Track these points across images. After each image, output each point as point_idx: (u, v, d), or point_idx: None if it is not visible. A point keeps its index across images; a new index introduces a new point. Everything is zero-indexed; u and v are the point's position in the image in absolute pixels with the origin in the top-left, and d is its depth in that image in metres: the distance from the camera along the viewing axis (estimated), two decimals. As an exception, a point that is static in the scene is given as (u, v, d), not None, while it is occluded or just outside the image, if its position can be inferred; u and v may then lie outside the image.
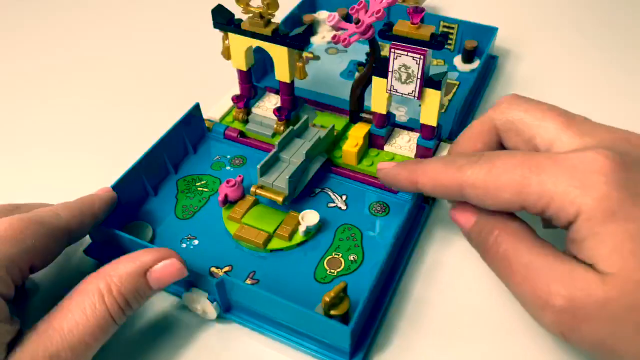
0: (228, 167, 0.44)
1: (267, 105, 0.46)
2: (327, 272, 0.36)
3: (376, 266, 0.33)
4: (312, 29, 0.40)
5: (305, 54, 0.55)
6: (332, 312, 0.31)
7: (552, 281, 0.26)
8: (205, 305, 0.33)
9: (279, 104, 0.45)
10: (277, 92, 0.46)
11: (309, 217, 0.38)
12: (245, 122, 0.46)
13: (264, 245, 0.37)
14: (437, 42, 0.35)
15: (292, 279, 0.36)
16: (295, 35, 0.39)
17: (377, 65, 0.39)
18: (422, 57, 0.36)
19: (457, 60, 0.53)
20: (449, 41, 0.54)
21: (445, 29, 0.54)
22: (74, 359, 0.27)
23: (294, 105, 0.45)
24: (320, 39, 0.56)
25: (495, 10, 0.61)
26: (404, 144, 0.43)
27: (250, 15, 0.40)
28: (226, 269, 0.37)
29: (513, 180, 0.27)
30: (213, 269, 0.37)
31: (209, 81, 0.51)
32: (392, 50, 0.37)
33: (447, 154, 0.38)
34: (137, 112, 0.50)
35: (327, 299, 0.31)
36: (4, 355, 0.25)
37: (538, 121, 0.30)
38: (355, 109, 0.44)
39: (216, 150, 0.45)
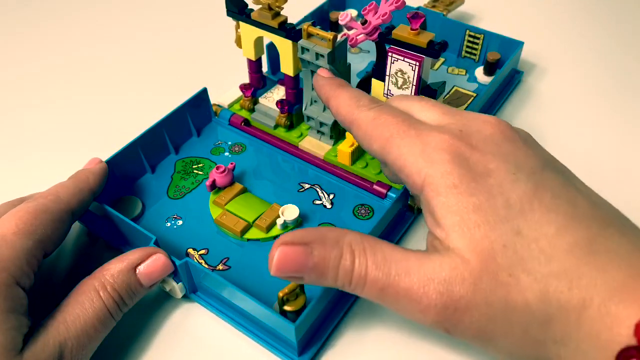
0: (227, 153, 0.44)
1: (275, 97, 0.47)
2: (298, 268, 0.36)
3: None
4: (315, 25, 0.40)
5: (327, 50, 0.55)
6: (287, 308, 0.31)
7: (424, 281, 0.25)
8: (172, 285, 0.34)
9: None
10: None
11: (289, 212, 0.38)
12: (252, 111, 0.47)
13: (241, 233, 0.37)
14: (435, 50, 0.35)
15: (263, 270, 0.36)
16: (300, 29, 0.39)
17: (376, 68, 0.38)
18: (417, 63, 0.35)
19: (479, 72, 0.51)
20: (474, 51, 0.53)
21: (471, 39, 0.52)
22: (79, 347, 0.29)
23: (299, 99, 0.45)
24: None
25: (525, 24, 0.59)
26: (403, 150, 0.42)
27: (260, 6, 0.40)
28: (202, 251, 0.37)
29: (383, 135, 0.30)
30: (190, 250, 0.38)
31: (225, 68, 0.52)
32: (390, 54, 0.36)
33: None
34: (152, 96, 0.52)
35: (281, 295, 0.31)
36: (22, 345, 0.27)
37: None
38: (359, 110, 0.44)
39: (219, 136, 0.46)
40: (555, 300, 0.23)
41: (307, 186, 0.42)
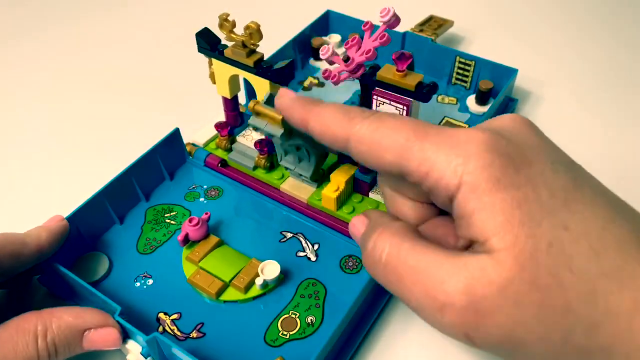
0: (202, 199, 0.41)
1: (253, 136, 0.43)
2: (280, 334, 0.33)
3: (334, 336, 0.30)
4: (294, 65, 0.37)
5: (309, 79, 0.52)
6: (267, 388, 0.28)
7: (445, 277, 0.23)
8: (139, 359, 0.31)
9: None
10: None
11: (268, 270, 0.35)
12: (229, 150, 0.43)
13: (216, 295, 0.34)
14: (423, 93, 0.32)
15: (241, 337, 0.33)
16: (278, 69, 0.36)
17: (361, 110, 0.35)
18: (405, 108, 0.32)
19: (471, 101, 0.48)
20: (465, 79, 0.50)
21: (462, 65, 0.49)
22: None
23: (279, 140, 0.42)
24: (328, 65, 0.52)
25: (517, 47, 0.56)
26: (392, 193, 0.39)
27: (233, 43, 0.37)
28: (174, 316, 0.34)
29: (397, 142, 0.25)
30: (161, 314, 0.34)
31: (200, 103, 0.49)
32: (375, 97, 0.33)
33: None
34: (120, 136, 0.48)
35: (260, 376, 0.28)
36: None
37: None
38: (344, 149, 0.41)
39: (194, 179, 0.43)
40: (604, 302, 0.21)
41: (289, 235, 0.38)
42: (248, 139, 0.43)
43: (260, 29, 0.36)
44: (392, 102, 0.33)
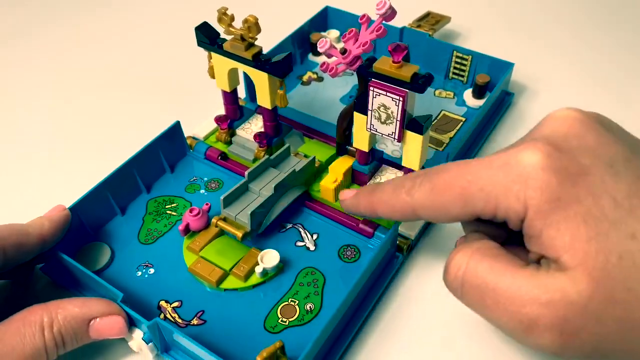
0: (202, 191, 0.42)
1: (253, 128, 0.44)
2: (279, 321, 0.34)
3: (332, 321, 0.31)
4: (291, 58, 0.37)
5: (308, 74, 0.53)
6: (266, 372, 0.29)
7: (527, 300, 0.24)
8: (141, 345, 0.31)
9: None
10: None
11: (268, 259, 0.35)
12: (229, 143, 0.44)
13: (217, 284, 0.35)
14: (419, 84, 0.32)
15: (241, 324, 0.33)
16: (276, 62, 0.37)
17: (357, 101, 0.36)
18: (401, 98, 0.33)
19: (468, 95, 0.49)
20: (462, 73, 0.50)
21: (459, 60, 0.50)
22: None
23: (278, 132, 0.42)
24: (327, 59, 0.53)
25: (514, 42, 0.57)
26: (389, 184, 0.40)
27: (232, 36, 0.38)
28: (175, 304, 0.35)
29: (455, 193, 0.27)
30: (162, 302, 0.35)
31: (201, 97, 0.49)
32: (371, 88, 0.34)
33: None
34: (122, 130, 0.49)
35: (259, 359, 0.28)
36: None
37: None
38: (342, 142, 0.41)
39: (195, 171, 0.43)
40: None
41: (288, 226, 0.39)
42: (248, 131, 0.44)
43: (259, 23, 0.36)
44: (388, 93, 0.33)
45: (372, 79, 0.34)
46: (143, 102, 0.52)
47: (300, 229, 0.39)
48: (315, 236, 0.38)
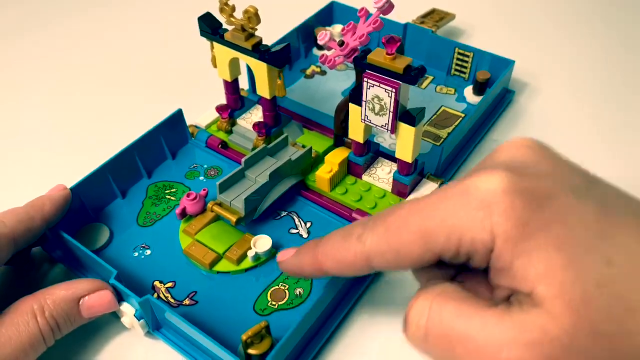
0: (202, 178, 0.43)
1: (253, 118, 0.45)
2: (268, 304, 0.34)
3: (319, 304, 0.31)
4: (290, 48, 0.38)
5: (312, 67, 0.53)
6: (251, 352, 0.30)
7: (504, 343, 0.21)
8: (133, 321, 0.32)
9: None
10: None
11: (261, 244, 0.36)
12: (230, 132, 0.45)
13: (210, 266, 0.36)
14: (411, 76, 0.33)
15: (231, 305, 0.34)
16: (275, 52, 0.38)
17: (353, 92, 0.36)
18: (394, 90, 0.33)
19: (468, 91, 0.49)
20: (464, 70, 0.51)
21: (460, 56, 0.50)
22: None
23: (277, 122, 0.43)
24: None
25: (517, 41, 0.57)
26: (384, 175, 0.41)
27: (233, 27, 0.39)
28: (169, 284, 0.36)
29: (412, 230, 0.23)
30: (156, 282, 0.36)
31: (205, 87, 0.50)
32: (365, 79, 0.34)
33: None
34: (126, 117, 0.50)
35: (244, 338, 0.29)
36: None
37: None
38: (339, 133, 0.42)
39: (195, 159, 0.44)
40: None
41: (283, 213, 0.40)
42: (248, 121, 0.45)
43: (259, 14, 0.37)
44: (381, 85, 0.34)
45: (366, 70, 0.34)
46: (149, 92, 0.53)
47: (295, 217, 0.40)
48: (309, 224, 0.39)
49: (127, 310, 0.32)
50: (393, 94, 0.34)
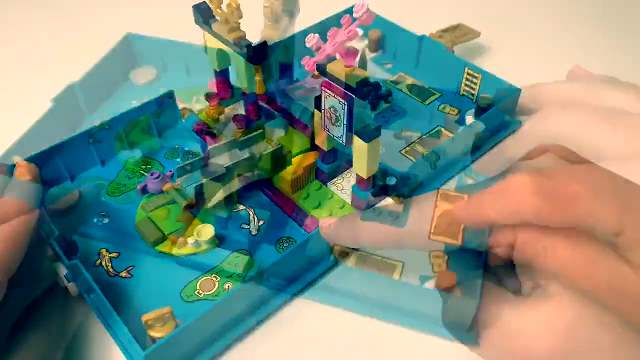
0: (178, 159, 0.44)
1: (240, 110, 0.46)
2: (195, 292, 0.35)
3: (230, 301, 0.32)
4: (266, 46, 0.38)
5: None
6: (152, 334, 0.31)
7: (539, 328, 0.25)
8: (65, 282, 0.34)
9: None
10: (266, 99, 0.45)
11: (202, 232, 0.37)
12: (217, 120, 0.46)
13: (153, 244, 0.37)
14: (363, 92, 0.32)
15: (161, 286, 0.36)
16: (252, 48, 0.38)
17: (316, 99, 0.36)
18: (346, 103, 0.33)
19: (470, 115, 0.47)
20: (472, 91, 0.49)
21: (469, 77, 0.48)
22: None
23: (257, 116, 0.43)
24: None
25: (540, 69, 0.53)
26: (348, 186, 0.40)
27: (219, 18, 0.39)
28: (113, 254, 0.37)
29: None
30: (103, 250, 0.38)
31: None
32: (323, 88, 0.34)
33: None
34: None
35: (144, 319, 0.30)
36: None
37: None
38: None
39: (179, 141, 0.46)
40: None
41: (241, 207, 0.40)
42: (234, 112, 0.45)
43: (240, 8, 0.37)
44: (335, 96, 0.33)
45: (324, 79, 0.34)
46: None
47: (251, 213, 0.40)
48: (261, 222, 0.39)
49: (60, 271, 0.34)
50: (346, 106, 0.33)
